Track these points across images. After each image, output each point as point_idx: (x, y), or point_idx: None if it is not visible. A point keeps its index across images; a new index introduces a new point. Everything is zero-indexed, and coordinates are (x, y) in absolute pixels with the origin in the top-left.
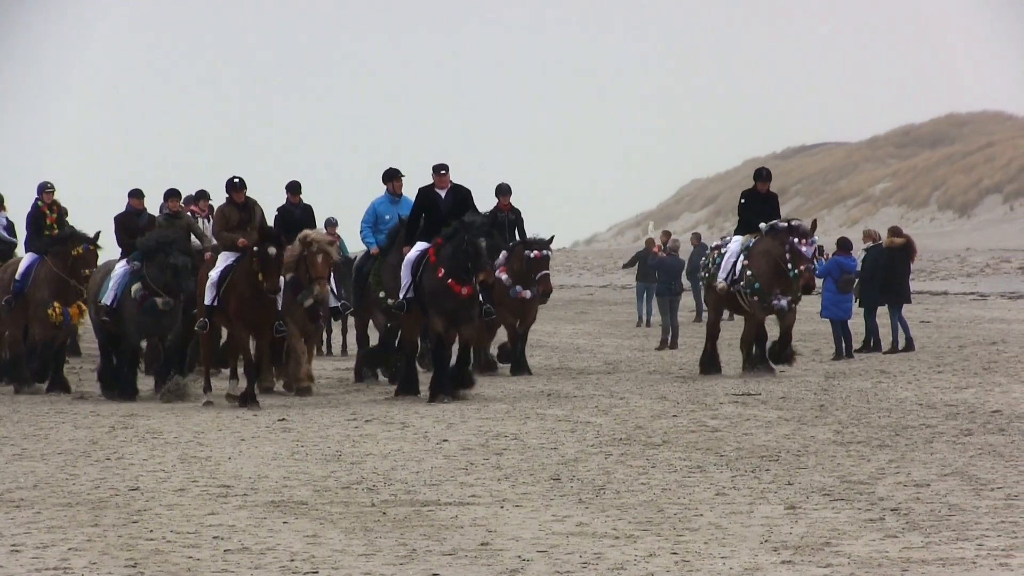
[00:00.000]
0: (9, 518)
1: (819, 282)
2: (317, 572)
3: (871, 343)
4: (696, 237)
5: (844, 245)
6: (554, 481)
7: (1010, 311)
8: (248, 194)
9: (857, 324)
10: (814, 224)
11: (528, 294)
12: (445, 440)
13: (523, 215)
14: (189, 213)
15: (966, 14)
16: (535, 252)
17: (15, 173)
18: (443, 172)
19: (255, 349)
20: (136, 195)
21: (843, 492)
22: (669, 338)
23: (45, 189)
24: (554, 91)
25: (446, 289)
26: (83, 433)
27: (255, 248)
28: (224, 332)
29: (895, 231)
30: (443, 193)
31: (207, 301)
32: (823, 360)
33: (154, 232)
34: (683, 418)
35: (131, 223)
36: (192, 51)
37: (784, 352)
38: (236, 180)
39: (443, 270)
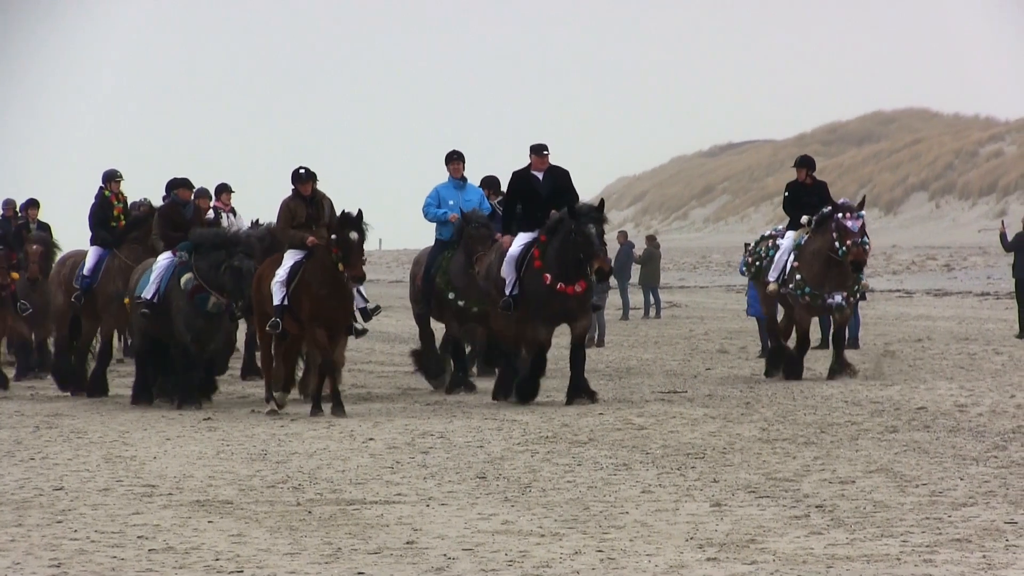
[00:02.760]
0: None
1: (745, 280)
2: (242, 571)
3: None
4: (623, 235)
5: None
6: (480, 479)
7: (935, 308)
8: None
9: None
10: (862, 200)
11: None
12: (371, 439)
13: None
14: (211, 210)
15: (892, 12)
16: None
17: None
18: (545, 153)
19: (321, 352)
20: (184, 185)
21: (768, 489)
22: (596, 336)
23: (114, 177)
24: (478, 88)
25: (554, 294)
26: (7, 433)
27: (334, 236)
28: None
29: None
30: (540, 175)
31: (276, 301)
32: (749, 358)
33: (212, 228)
34: (609, 416)
35: (176, 215)
36: (204, 48)
37: (841, 361)
38: (302, 171)
39: (550, 276)
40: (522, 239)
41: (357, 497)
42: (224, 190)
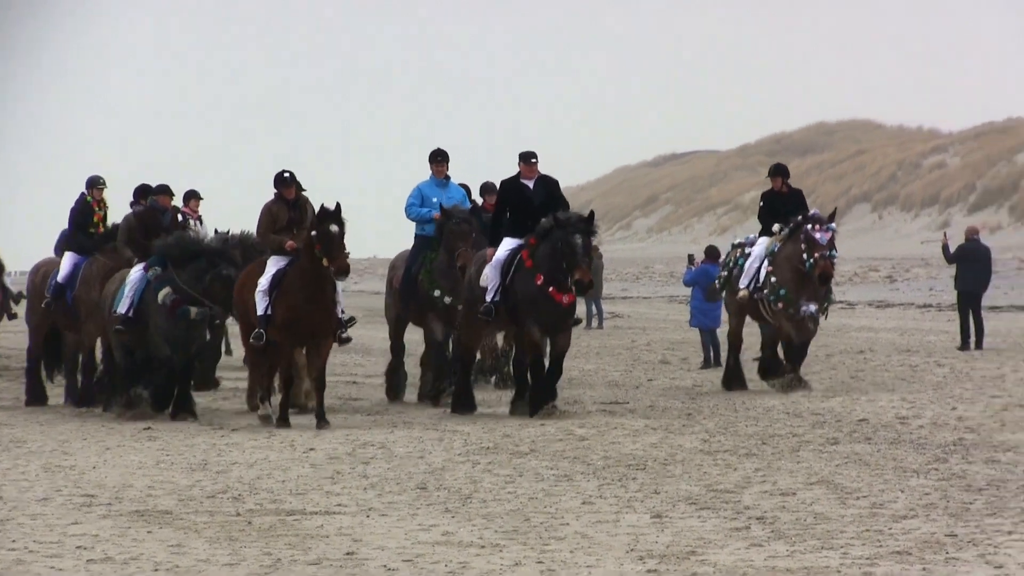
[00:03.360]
0: None
1: (688, 291)
2: None
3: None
4: None
5: (712, 254)
6: (420, 490)
7: (878, 319)
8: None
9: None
10: (833, 212)
11: None
12: (312, 449)
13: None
14: (180, 216)
15: (836, 23)
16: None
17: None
18: (533, 161)
19: (314, 360)
20: (164, 191)
21: (709, 501)
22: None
23: (96, 184)
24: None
25: (545, 297)
26: None
27: (314, 233)
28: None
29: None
30: (531, 184)
31: (260, 311)
32: (691, 369)
33: (184, 234)
34: (550, 426)
35: (153, 221)
36: (185, 56)
37: (796, 368)
38: (286, 175)
39: (542, 276)
40: (509, 244)
41: (297, 507)
42: (192, 196)
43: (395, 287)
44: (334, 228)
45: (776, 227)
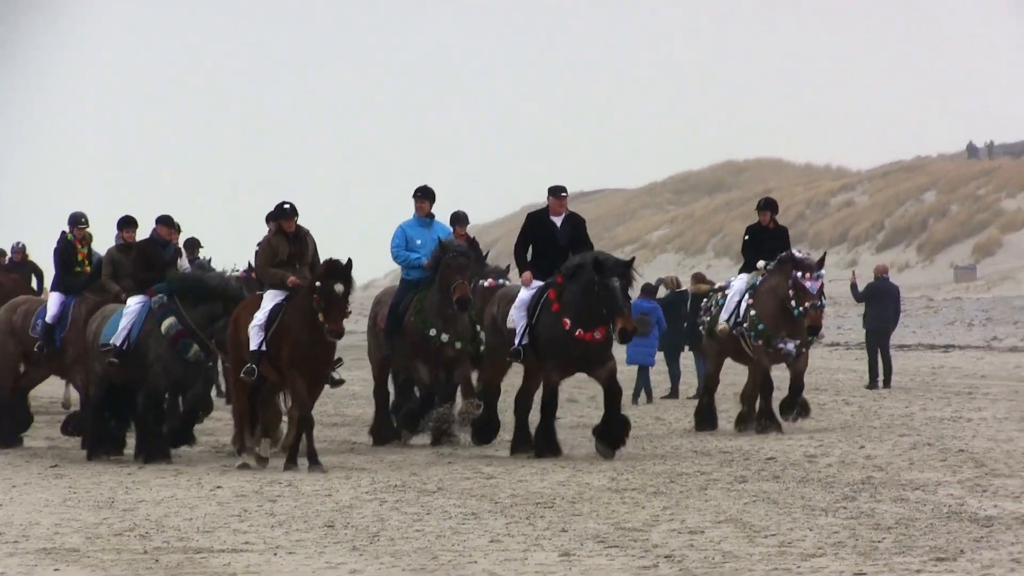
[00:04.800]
0: None
1: None
2: None
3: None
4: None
5: (647, 290)
6: (328, 528)
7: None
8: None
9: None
10: (822, 258)
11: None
12: (219, 487)
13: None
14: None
15: (744, 62)
16: (490, 280)
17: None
18: (563, 195)
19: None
20: (165, 222)
21: (617, 539)
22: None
23: (79, 223)
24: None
25: (574, 341)
26: None
27: (318, 284)
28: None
29: (699, 277)
30: (559, 221)
31: (253, 346)
32: (598, 407)
33: (205, 273)
34: (458, 464)
35: (155, 253)
36: (183, 72)
37: (795, 402)
38: (287, 206)
39: (569, 321)
40: (531, 287)
41: (204, 545)
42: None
43: (379, 326)
44: (339, 288)
45: (760, 263)
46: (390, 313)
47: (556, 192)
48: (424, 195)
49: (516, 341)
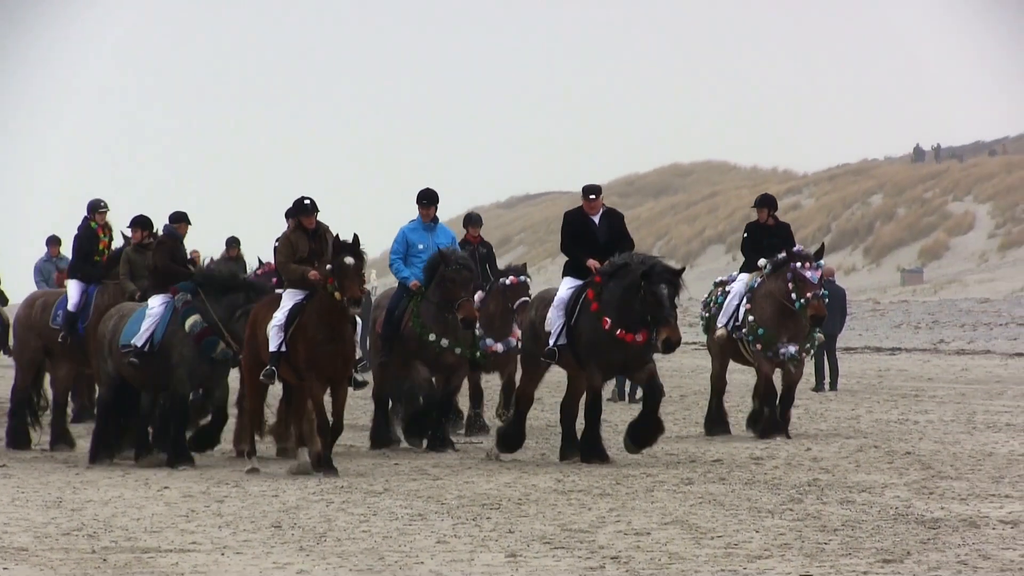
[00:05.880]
0: None
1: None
2: None
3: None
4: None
5: None
6: (275, 528)
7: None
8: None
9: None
10: (821, 248)
11: (499, 347)
12: (166, 487)
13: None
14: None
15: (690, 65)
16: (511, 278)
17: None
18: (591, 197)
19: (331, 403)
20: (181, 219)
21: (564, 540)
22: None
23: (98, 208)
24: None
25: (614, 341)
26: None
27: (329, 266)
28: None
29: None
30: (596, 219)
31: (272, 347)
32: (544, 409)
33: (227, 265)
34: (404, 466)
35: (178, 252)
36: (182, 72)
37: (785, 414)
38: (307, 202)
39: (609, 320)
40: (570, 283)
41: (152, 545)
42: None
43: (378, 331)
44: (349, 260)
45: (761, 262)
46: (386, 318)
47: (586, 193)
48: (428, 200)
49: (551, 341)
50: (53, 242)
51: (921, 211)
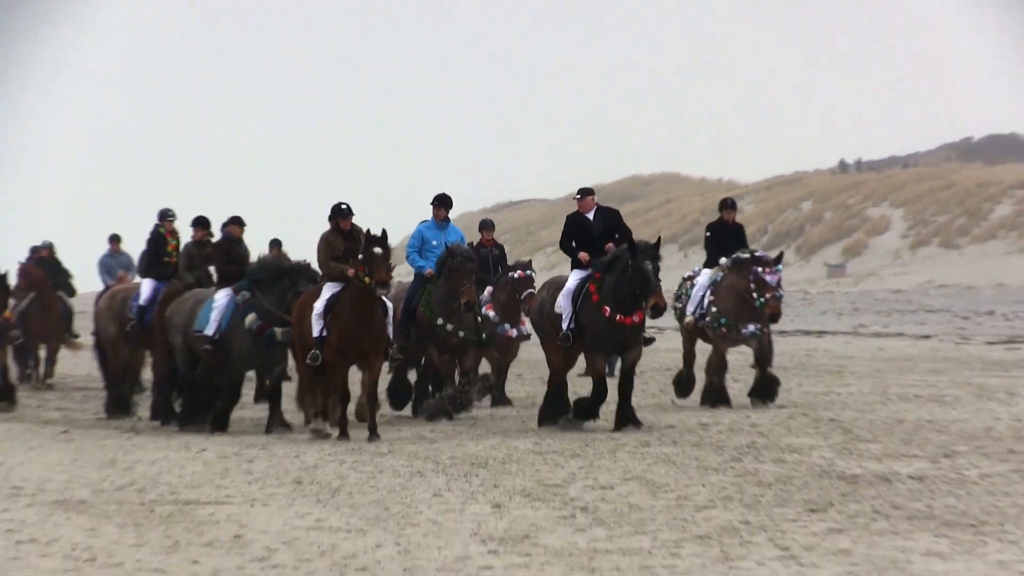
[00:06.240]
0: None
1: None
2: (95, 559)
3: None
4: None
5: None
6: (296, 484)
7: (679, 342)
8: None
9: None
10: (780, 255)
11: (514, 333)
12: (204, 449)
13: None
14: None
15: (650, 85)
16: (519, 272)
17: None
18: (578, 196)
19: (367, 381)
20: (237, 223)
21: (540, 493)
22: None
23: (167, 217)
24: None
25: (614, 326)
26: None
27: (360, 256)
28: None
29: None
30: (591, 215)
31: (315, 333)
32: (524, 383)
33: (268, 257)
34: (406, 432)
35: (234, 251)
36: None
37: (765, 378)
38: (344, 207)
39: (608, 308)
40: (577, 275)
41: (192, 498)
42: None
43: (397, 317)
44: (377, 250)
45: (723, 260)
46: (404, 306)
47: (581, 194)
48: (440, 203)
49: (564, 326)
50: (114, 240)
51: (844, 215)
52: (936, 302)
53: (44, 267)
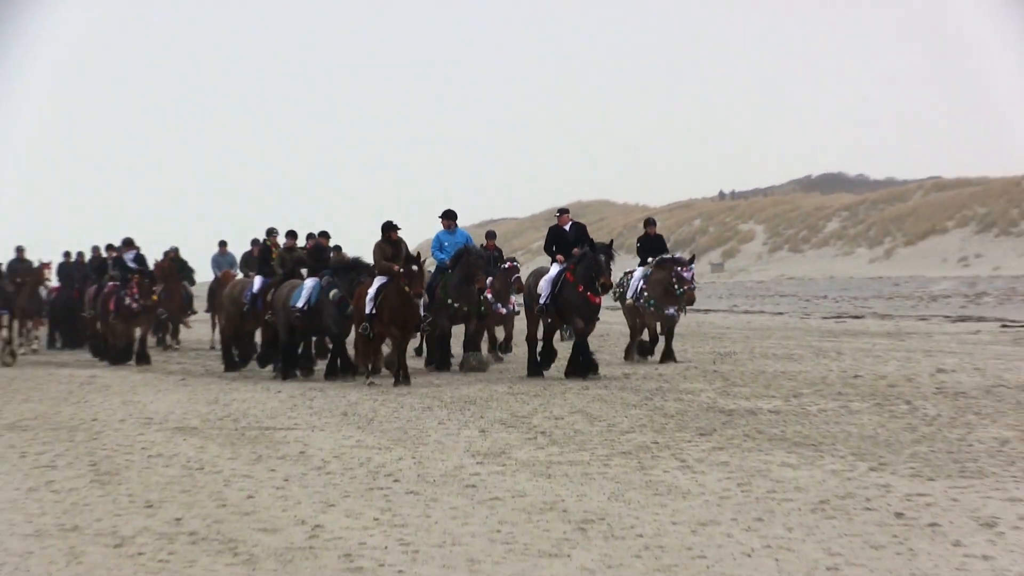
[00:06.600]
0: (19, 437)
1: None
2: (203, 468)
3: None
4: None
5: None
6: (343, 415)
7: (613, 316)
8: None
9: None
10: (692, 256)
11: (504, 310)
12: (279, 391)
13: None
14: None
15: (588, 121)
16: (508, 264)
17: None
18: (558, 214)
19: (400, 346)
20: (324, 236)
21: (513, 422)
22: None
23: (271, 234)
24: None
25: (585, 300)
26: (64, 387)
27: (401, 269)
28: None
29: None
30: (567, 228)
31: (367, 311)
32: (517, 347)
33: (342, 256)
34: (418, 380)
35: (319, 254)
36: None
37: (670, 348)
38: (392, 223)
39: (582, 287)
40: (555, 269)
41: (271, 425)
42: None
43: (424, 299)
44: (415, 267)
45: (650, 260)
46: (428, 291)
47: (560, 212)
48: (446, 216)
49: (541, 302)
50: (222, 244)
51: (723, 229)
52: (787, 290)
53: (172, 264)
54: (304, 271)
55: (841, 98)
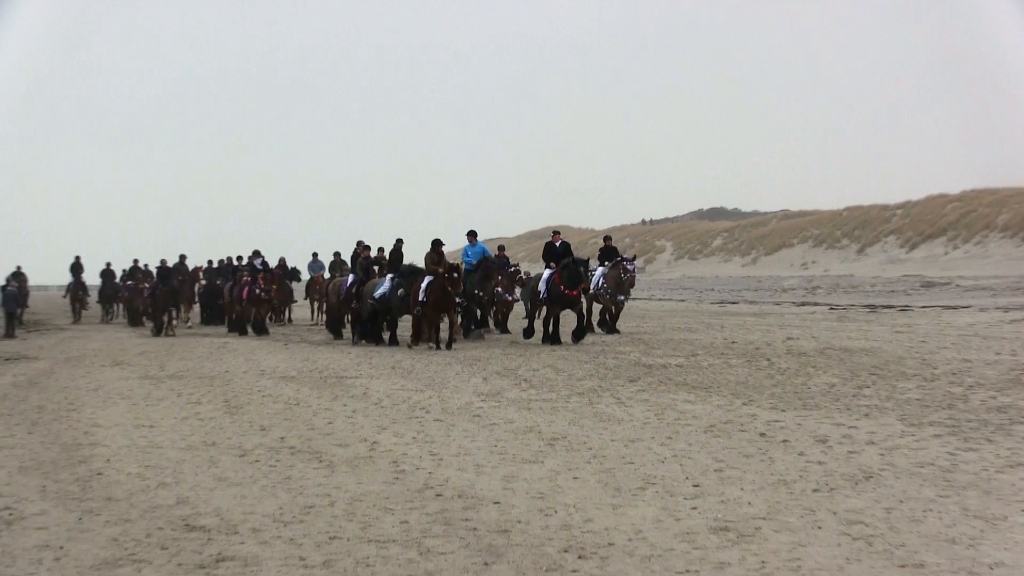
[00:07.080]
0: (177, 383)
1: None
2: (299, 404)
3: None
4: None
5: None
6: (392, 369)
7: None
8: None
9: None
10: (634, 256)
11: (508, 298)
12: (350, 353)
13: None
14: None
15: (552, 160)
16: (512, 267)
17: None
18: (553, 234)
19: (449, 323)
20: (367, 248)
21: (505, 373)
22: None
23: (361, 245)
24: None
25: (564, 295)
26: (206, 350)
27: (446, 275)
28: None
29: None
30: (558, 244)
31: (420, 299)
32: (515, 323)
33: (407, 264)
34: (441, 350)
35: (376, 261)
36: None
37: (614, 326)
38: (438, 240)
39: (563, 286)
40: (548, 272)
41: (344, 375)
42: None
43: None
44: (455, 274)
45: (607, 262)
46: (464, 286)
47: (553, 232)
48: (471, 235)
49: (540, 295)
50: (314, 255)
51: (644, 245)
52: (687, 285)
53: (281, 269)
54: (376, 269)
55: (723, 150)
